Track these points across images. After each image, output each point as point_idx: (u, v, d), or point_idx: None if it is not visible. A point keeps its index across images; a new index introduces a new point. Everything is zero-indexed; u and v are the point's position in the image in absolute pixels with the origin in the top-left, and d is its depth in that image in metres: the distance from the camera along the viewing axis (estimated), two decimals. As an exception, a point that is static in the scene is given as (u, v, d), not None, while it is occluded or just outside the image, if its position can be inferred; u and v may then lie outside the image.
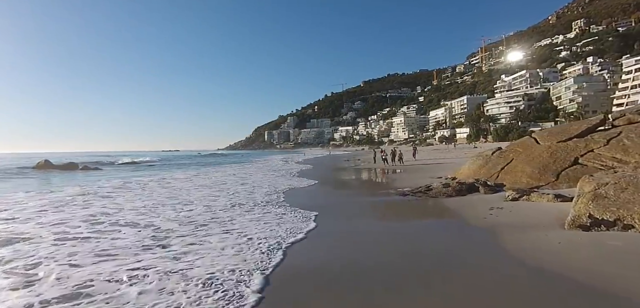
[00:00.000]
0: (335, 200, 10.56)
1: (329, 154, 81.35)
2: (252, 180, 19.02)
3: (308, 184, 15.99)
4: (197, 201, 11.08)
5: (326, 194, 12.20)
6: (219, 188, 15.00)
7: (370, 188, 14.66)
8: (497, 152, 11.46)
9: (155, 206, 10.29)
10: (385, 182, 16.80)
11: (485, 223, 6.25)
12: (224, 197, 12.07)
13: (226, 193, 13.38)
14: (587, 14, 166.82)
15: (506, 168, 10.07)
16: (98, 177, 24.48)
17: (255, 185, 16.18)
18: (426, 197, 9.43)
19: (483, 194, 8.98)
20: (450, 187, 9.56)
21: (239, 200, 11.27)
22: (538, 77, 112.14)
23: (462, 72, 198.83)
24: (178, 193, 13.63)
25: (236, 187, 15.81)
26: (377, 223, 7.35)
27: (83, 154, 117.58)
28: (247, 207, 9.61)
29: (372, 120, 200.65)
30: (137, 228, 7.38)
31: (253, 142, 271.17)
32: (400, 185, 12.97)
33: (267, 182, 17.21)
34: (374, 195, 11.79)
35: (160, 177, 23.05)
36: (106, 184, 17.56)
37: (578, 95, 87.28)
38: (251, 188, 14.68)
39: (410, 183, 13.43)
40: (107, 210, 9.64)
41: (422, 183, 12.37)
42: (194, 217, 8.36)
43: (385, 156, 28.19)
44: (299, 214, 8.22)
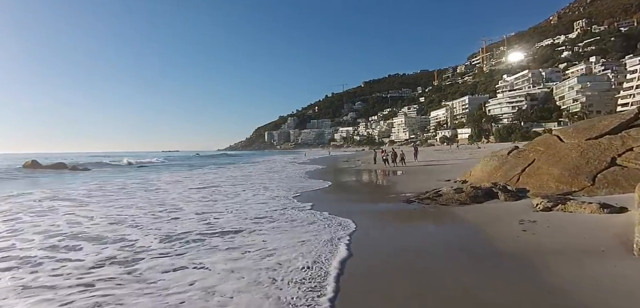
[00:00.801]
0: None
1: (328, 155, 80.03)
2: (251, 183, 17.73)
3: (310, 189, 14.65)
4: (187, 209, 9.66)
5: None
6: (212, 192, 13.76)
7: (368, 193, 13.31)
8: (514, 151, 10.11)
9: (134, 214, 8.96)
10: (386, 185, 15.39)
11: (520, 246, 4.75)
12: (221, 203, 10.81)
13: (222, 197, 12.24)
14: (589, 14, 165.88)
15: (528, 170, 8.70)
16: (83, 178, 23.26)
17: (254, 191, 14.90)
18: (435, 205, 8.08)
19: (504, 201, 7.58)
20: (463, 192, 8.18)
21: (240, 206, 10.13)
22: (541, 76, 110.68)
23: (463, 72, 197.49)
24: (166, 198, 12.25)
25: (227, 189, 14.66)
26: (370, 245, 5.61)
27: (82, 154, 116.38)
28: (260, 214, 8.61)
29: (372, 120, 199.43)
30: (101, 244, 6.09)
31: (253, 142, 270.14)
32: (404, 190, 11.62)
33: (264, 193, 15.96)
34: (373, 200, 10.36)
35: (152, 177, 21.97)
36: (81, 188, 16.27)
37: (582, 95, 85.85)
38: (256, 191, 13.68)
39: (414, 187, 12.11)
40: (74, 219, 8.48)
41: (428, 187, 11.01)
42: (180, 230, 6.98)
43: (386, 157, 26.76)
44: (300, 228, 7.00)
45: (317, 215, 7.95)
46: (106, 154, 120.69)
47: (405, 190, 11.60)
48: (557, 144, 9.10)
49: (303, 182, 16.92)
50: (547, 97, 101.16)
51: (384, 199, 10.31)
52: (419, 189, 11.15)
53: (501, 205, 7.46)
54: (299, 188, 14.04)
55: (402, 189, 11.89)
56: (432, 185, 11.42)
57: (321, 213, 8.13)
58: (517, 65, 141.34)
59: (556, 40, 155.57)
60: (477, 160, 25.29)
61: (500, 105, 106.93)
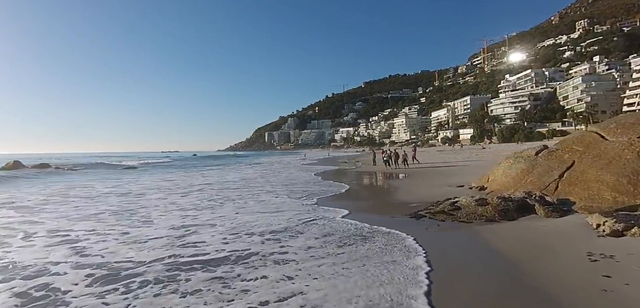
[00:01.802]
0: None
1: (328, 156, 78.45)
2: (252, 186, 15.97)
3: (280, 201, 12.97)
4: (162, 222, 7.93)
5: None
6: (203, 198, 11.93)
7: (365, 201, 11.25)
8: (544, 152, 8.37)
9: (81, 231, 7.17)
10: (387, 189, 13.56)
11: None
12: (211, 211, 9.08)
13: (217, 203, 10.60)
14: (591, 14, 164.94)
15: (567, 175, 6.95)
16: (57, 180, 21.71)
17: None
18: (454, 221, 6.33)
19: (544, 217, 5.83)
20: (489, 204, 6.42)
21: (241, 214, 8.63)
22: (544, 76, 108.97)
23: (464, 72, 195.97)
24: (138, 206, 10.42)
25: (224, 192, 13.10)
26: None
27: (79, 155, 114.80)
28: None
29: (373, 121, 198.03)
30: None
31: (253, 143, 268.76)
32: (408, 198, 9.84)
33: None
34: (370, 211, 8.50)
35: (135, 180, 20.29)
36: (43, 192, 14.66)
37: (586, 94, 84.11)
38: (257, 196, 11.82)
39: (421, 194, 10.31)
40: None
41: (437, 195, 9.28)
42: (137, 258, 5.09)
43: (387, 157, 24.66)
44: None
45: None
46: (105, 154, 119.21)
47: (410, 198, 9.79)
48: (600, 143, 7.38)
49: (312, 187, 15.05)
50: (551, 97, 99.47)
51: (383, 210, 8.40)
52: (427, 197, 9.39)
53: (543, 223, 5.62)
54: (309, 193, 12.54)
55: (407, 197, 10.07)
56: (443, 192, 9.69)
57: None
58: (518, 66, 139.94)
59: (558, 40, 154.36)
60: (487, 161, 23.49)
61: (502, 105, 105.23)
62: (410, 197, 10.11)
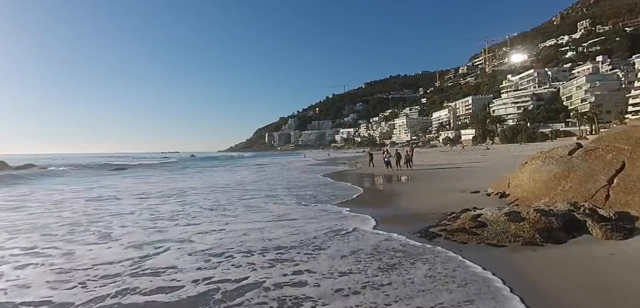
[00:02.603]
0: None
1: (328, 156, 77.19)
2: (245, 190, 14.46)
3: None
4: (125, 237, 6.44)
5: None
6: (186, 205, 10.32)
7: (382, 208, 9.21)
8: (579, 152, 7.01)
9: (20, 247, 5.84)
10: (388, 194, 11.88)
11: None
12: (184, 228, 7.16)
13: (189, 213, 8.91)
14: (592, 14, 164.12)
15: (620, 181, 5.51)
16: (32, 182, 20.26)
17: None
18: (477, 243, 4.90)
19: (601, 238, 4.44)
20: (524, 220, 4.99)
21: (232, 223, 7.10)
22: (546, 76, 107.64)
23: (465, 73, 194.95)
24: (105, 212, 8.93)
25: (214, 196, 11.58)
26: None
27: (80, 156, 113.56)
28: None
29: (373, 122, 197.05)
30: None
31: (253, 143, 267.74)
32: (414, 205, 8.41)
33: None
34: (393, 221, 7.04)
35: (116, 182, 18.84)
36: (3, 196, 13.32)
37: (591, 94, 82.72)
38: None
39: (429, 201, 8.85)
40: None
41: (449, 203, 7.91)
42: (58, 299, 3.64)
43: (388, 158, 22.75)
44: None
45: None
46: (104, 155, 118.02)
47: (416, 206, 8.32)
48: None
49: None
50: (554, 97, 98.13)
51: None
52: (437, 205, 7.94)
53: (605, 249, 4.26)
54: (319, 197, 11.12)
55: (412, 205, 8.60)
56: (456, 200, 8.31)
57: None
58: (520, 66, 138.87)
59: (559, 40, 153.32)
60: (495, 163, 21.76)
61: (505, 105, 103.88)
62: (416, 205, 8.64)
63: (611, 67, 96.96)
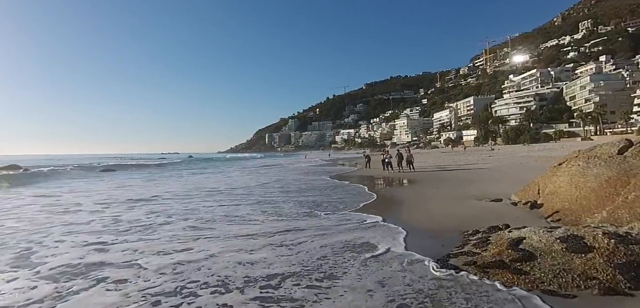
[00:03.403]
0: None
1: (328, 157, 76.44)
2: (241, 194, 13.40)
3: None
4: (57, 259, 5.12)
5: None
6: (136, 221, 8.01)
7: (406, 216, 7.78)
8: (633, 149, 6.11)
9: None
10: (389, 202, 9.79)
11: None
12: (135, 244, 5.85)
13: (154, 223, 7.57)
14: (594, 15, 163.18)
15: None
16: (6, 185, 18.79)
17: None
18: (530, 288, 3.44)
19: None
20: (593, 250, 3.65)
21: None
22: (549, 76, 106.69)
23: (466, 74, 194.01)
24: (54, 223, 8.02)
25: (172, 204, 9.79)
26: None
27: (79, 157, 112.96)
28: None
29: (374, 122, 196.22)
30: None
31: (254, 144, 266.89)
32: (422, 217, 7.07)
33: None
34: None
35: (95, 185, 17.43)
36: None
37: (595, 94, 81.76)
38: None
39: (440, 210, 7.72)
40: None
41: (468, 215, 6.89)
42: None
43: (389, 159, 21.27)
44: None
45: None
46: (103, 156, 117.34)
47: (425, 218, 6.95)
48: None
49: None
50: (557, 97, 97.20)
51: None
52: (453, 217, 6.68)
53: None
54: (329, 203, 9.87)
55: (420, 216, 7.16)
56: (473, 210, 7.27)
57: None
58: (521, 67, 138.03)
59: (561, 40, 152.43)
60: (507, 165, 20.48)
61: (507, 106, 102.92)
62: (425, 216, 7.21)
63: (615, 67, 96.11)
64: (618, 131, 69.00)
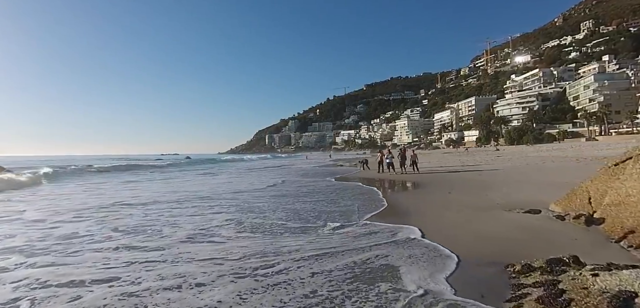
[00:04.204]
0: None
1: (329, 157, 75.30)
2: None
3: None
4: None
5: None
6: (66, 237, 6.25)
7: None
8: None
9: None
10: (401, 213, 7.71)
11: None
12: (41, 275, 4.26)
13: (82, 244, 5.95)
14: (595, 15, 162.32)
15: None
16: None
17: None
18: None
19: None
20: None
21: None
22: (552, 76, 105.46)
23: (467, 74, 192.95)
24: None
25: (136, 213, 8.29)
26: None
27: (80, 157, 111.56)
28: None
29: (374, 123, 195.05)
30: None
31: (254, 145, 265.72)
32: (441, 237, 5.21)
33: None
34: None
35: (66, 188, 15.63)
36: None
37: (599, 94, 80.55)
38: None
39: (464, 226, 5.96)
40: None
41: (495, 232, 5.52)
42: None
43: (390, 159, 19.28)
44: None
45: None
46: (101, 157, 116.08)
47: (442, 238, 5.18)
48: None
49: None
50: (560, 97, 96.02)
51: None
52: (477, 237, 5.15)
53: None
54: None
55: (437, 235, 5.39)
56: (508, 227, 5.60)
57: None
58: (522, 67, 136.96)
59: (562, 41, 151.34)
60: (521, 166, 19.14)
61: (509, 106, 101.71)
62: (445, 236, 5.35)
63: (618, 67, 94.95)
64: (623, 131, 67.72)
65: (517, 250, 4.38)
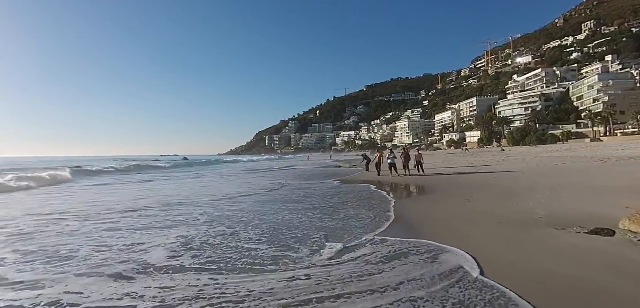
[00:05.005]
0: None
1: (330, 158, 74.06)
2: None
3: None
4: None
5: None
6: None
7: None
8: None
9: None
10: (404, 221, 6.67)
11: None
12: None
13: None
14: (596, 16, 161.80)
15: None
16: None
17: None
18: None
19: None
20: None
21: None
22: (555, 76, 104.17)
23: (468, 76, 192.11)
24: None
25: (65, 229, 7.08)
26: None
27: (78, 159, 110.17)
28: None
29: (375, 124, 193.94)
30: None
31: (254, 146, 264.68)
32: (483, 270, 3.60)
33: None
34: None
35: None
36: None
37: (604, 94, 79.18)
38: None
39: (505, 254, 4.10)
40: None
41: (559, 265, 4.17)
42: None
43: (392, 160, 17.41)
44: None
45: None
46: (99, 158, 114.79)
47: (491, 271, 3.59)
48: None
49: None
50: (563, 97, 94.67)
51: None
52: (544, 277, 3.37)
53: None
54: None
55: (491, 266, 3.74)
56: (571, 259, 3.75)
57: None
58: (524, 68, 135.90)
59: (564, 41, 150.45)
60: (531, 165, 17.75)
61: (511, 106, 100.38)
62: (490, 270, 3.70)
63: (622, 67, 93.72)
64: (629, 132, 66.33)
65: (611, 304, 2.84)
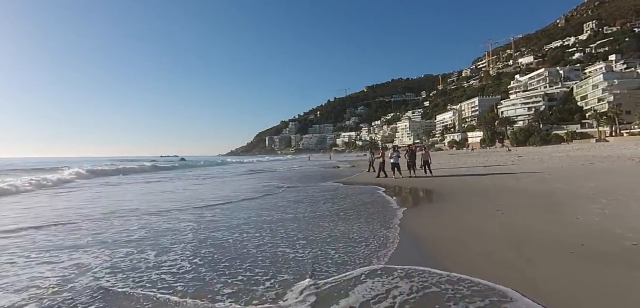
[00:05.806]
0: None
1: (330, 159, 73.07)
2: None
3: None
4: None
5: None
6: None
7: None
8: None
9: None
10: (414, 243, 4.99)
11: None
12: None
13: None
14: (598, 16, 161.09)
15: None
16: None
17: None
18: None
19: None
20: None
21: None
22: (558, 75, 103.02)
23: (469, 76, 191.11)
24: None
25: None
26: None
27: (77, 159, 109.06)
28: None
29: (375, 125, 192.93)
30: None
31: (254, 147, 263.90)
32: None
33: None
34: None
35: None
36: None
37: (609, 93, 78.04)
38: None
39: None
40: None
41: None
42: None
43: (396, 159, 15.96)
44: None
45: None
46: (98, 158, 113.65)
47: None
48: None
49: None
50: (567, 97, 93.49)
51: None
52: None
53: None
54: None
55: None
56: None
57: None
58: (526, 68, 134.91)
59: (565, 41, 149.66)
60: (550, 166, 16.68)
61: (514, 106, 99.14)
62: None
63: (626, 66, 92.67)
64: (636, 132, 65.24)
65: None
